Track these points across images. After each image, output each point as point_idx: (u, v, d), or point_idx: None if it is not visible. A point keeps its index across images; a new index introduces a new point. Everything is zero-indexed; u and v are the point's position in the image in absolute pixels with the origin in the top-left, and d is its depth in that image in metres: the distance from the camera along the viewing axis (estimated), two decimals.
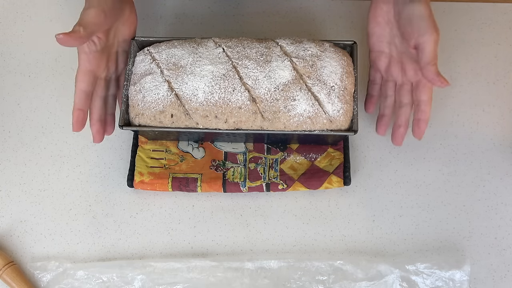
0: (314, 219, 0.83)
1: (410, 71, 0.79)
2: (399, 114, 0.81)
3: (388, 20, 0.78)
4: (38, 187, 0.86)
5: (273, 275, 0.78)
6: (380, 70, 0.82)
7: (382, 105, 0.83)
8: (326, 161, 0.84)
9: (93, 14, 0.73)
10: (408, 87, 0.80)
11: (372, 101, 0.84)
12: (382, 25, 0.79)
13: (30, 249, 0.82)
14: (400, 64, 0.80)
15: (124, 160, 0.86)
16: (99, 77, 0.79)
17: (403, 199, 0.83)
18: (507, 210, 0.82)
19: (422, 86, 0.78)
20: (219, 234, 0.82)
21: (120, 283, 0.78)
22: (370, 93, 0.84)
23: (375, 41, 0.81)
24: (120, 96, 0.83)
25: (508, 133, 0.86)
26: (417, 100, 0.79)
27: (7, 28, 0.96)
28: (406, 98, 0.80)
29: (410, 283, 0.77)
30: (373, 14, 0.79)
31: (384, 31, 0.79)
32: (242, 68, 0.79)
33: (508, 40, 0.92)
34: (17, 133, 0.89)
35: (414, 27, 0.73)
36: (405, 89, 0.80)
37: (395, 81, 0.81)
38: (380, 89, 0.83)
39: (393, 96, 0.82)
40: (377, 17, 0.79)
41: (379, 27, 0.79)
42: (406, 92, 0.80)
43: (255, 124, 0.78)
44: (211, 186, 0.83)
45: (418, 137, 0.80)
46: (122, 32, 0.81)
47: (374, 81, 0.83)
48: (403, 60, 0.79)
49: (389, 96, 0.82)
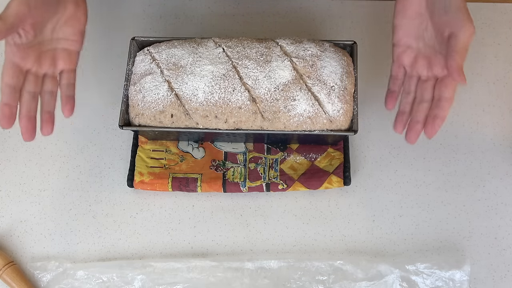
0: (314, 219, 0.83)
1: (437, 66, 0.74)
2: (418, 110, 0.75)
3: (418, 13, 0.75)
4: (38, 187, 0.86)
5: (273, 275, 0.78)
6: (405, 65, 0.78)
7: (404, 101, 0.77)
8: (326, 161, 0.84)
9: (14, 6, 0.70)
10: (432, 83, 0.75)
11: (394, 96, 0.78)
12: (411, 18, 0.75)
13: (30, 249, 0.82)
14: (427, 58, 0.76)
15: (124, 160, 0.86)
16: (28, 72, 0.75)
17: (403, 199, 0.83)
18: (507, 210, 0.82)
19: (448, 82, 0.73)
20: (219, 234, 0.82)
21: (120, 283, 0.78)
22: (392, 88, 0.79)
23: (402, 35, 0.76)
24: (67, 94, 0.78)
25: (508, 133, 0.86)
26: (438, 95, 0.74)
27: None
28: (428, 94, 0.75)
29: (410, 283, 0.77)
30: (401, 6, 0.75)
31: (413, 24, 0.76)
32: (242, 68, 0.79)
33: (508, 40, 0.92)
34: (17, 133, 0.89)
35: (450, 16, 0.70)
36: (429, 84, 0.75)
37: (419, 76, 0.77)
38: (402, 84, 0.79)
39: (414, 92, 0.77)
40: (406, 10, 0.75)
41: (408, 20, 0.76)
42: (430, 87, 0.75)
43: (255, 124, 0.78)
44: (211, 186, 0.83)
45: (430, 135, 0.74)
46: (63, 29, 0.76)
47: (397, 77, 0.78)
48: (431, 55, 0.75)
49: (412, 92, 0.77)
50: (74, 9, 0.77)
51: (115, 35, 0.94)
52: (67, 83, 0.78)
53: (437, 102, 0.74)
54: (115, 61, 0.91)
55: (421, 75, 0.76)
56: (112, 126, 0.88)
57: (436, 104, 0.74)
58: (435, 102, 0.74)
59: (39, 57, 0.75)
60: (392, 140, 0.86)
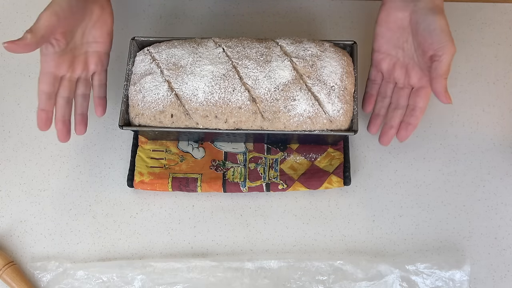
0: (314, 219, 0.83)
1: (415, 77, 0.79)
2: (393, 116, 0.81)
3: (401, 26, 0.78)
4: (38, 187, 0.86)
5: (273, 275, 0.78)
6: (382, 70, 0.82)
7: (379, 105, 0.83)
8: (326, 161, 0.84)
9: (44, 18, 0.73)
10: (408, 91, 0.81)
11: (371, 100, 0.84)
12: (393, 30, 0.79)
13: (30, 249, 0.82)
14: (405, 68, 0.80)
15: (124, 160, 0.86)
16: (63, 78, 0.78)
17: (403, 199, 0.83)
18: (507, 210, 0.82)
19: (423, 93, 0.79)
20: (219, 234, 0.82)
21: (120, 283, 0.78)
22: (369, 92, 0.84)
23: (383, 43, 0.80)
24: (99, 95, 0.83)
25: (508, 133, 0.86)
26: (413, 105, 0.79)
27: (7, 28, 0.97)
28: (404, 101, 0.81)
29: (410, 283, 0.77)
30: (385, 18, 0.79)
31: (394, 36, 0.79)
32: (242, 68, 0.79)
33: (508, 40, 0.92)
34: (17, 133, 0.89)
35: (435, 39, 0.73)
36: (404, 92, 0.81)
37: (395, 82, 0.82)
38: (379, 88, 0.83)
39: (390, 97, 0.82)
40: (389, 21, 0.79)
41: (389, 32, 0.79)
42: (405, 95, 0.81)
43: (255, 124, 0.78)
44: (211, 186, 0.83)
45: (401, 140, 0.81)
46: (92, 33, 0.79)
47: (375, 81, 0.83)
48: (408, 65, 0.80)
49: (387, 97, 0.82)
50: (100, 12, 0.80)
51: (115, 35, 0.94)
52: (98, 84, 0.83)
53: (411, 111, 0.80)
54: (115, 61, 0.91)
55: (398, 82, 0.81)
56: (112, 126, 0.88)
57: (411, 113, 0.80)
58: (409, 110, 0.80)
59: (73, 62, 0.79)
60: (392, 140, 0.86)
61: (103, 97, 0.83)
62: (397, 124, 0.81)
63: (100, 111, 0.83)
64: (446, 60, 0.73)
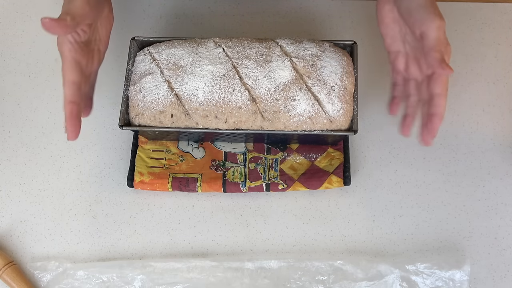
0: (314, 219, 0.83)
1: (424, 65, 0.75)
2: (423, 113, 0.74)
3: (394, 19, 0.77)
4: (38, 187, 0.86)
5: (273, 275, 0.78)
6: (400, 70, 0.79)
7: (406, 105, 0.78)
8: (326, 161, 0.84)
9: (79, 5, 0.71)
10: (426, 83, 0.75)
11: (395, 102, 0.79)
12: (390, 25, 0.77)
13: (30, 249, 0.82)
14: (416, 60, 0.76)
15: (124, 160, 0.86)
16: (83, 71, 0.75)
17: (403, 199, 0.83)
18: (507, 210, 0.82)
19: (435, 78, 0.73)
20: (219, 234, 0.82)
21: (120, 283, 0.78)
22: (393, 95, 0.79)
23: (390, 42, 0.78)
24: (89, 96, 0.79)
25: (508, 133, 0.86)
26: (430, 94, 0.73)
27: (7, 28, 0.96)
28: (425, 95, 0.75)
29: (410, 283, 0.77)
30: (380, 16, 0.78)
31: (394, 30, 0.77)
32: (242, 68, 0.79)
33: (508, 40, 0.92)
34: (17, 133, 0.89)
35: (415, 17, 0.72)
36: (424, 85, 0.76)
37: (416, 79, 0.77)
38: (403, 90, 0.79)
39: (416, 95, 0.77)
40: (383, 19, 0.77)
41: (388, 28, 0.77)
42: (425, 88, 0.75)
43: (255, 124, 0.78)
44: (211, 186, 0.83)
45: (432, 135, 0.72)
46: (99, 30, 0.79)
47: (396, 83, 0.79)
48: (417, 56, 0.76)
49: (412, 95, 0.77)
50: (108, 11, 0.79)
51: (115, 35, 0.94)
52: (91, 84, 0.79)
53: (430, 101, 0.73)
54: (115, 61, 0.91)
55: (417, 78, 0.77)
56: (112, 126, 0.88)
57: (430, 103, 0.73)
58: (428, 101, 0.73)
59: (88, 56, 0.76)
60: (392, 140, 0.86)
61: (92, 97, 0.79)
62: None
63: (88, 112, 0.79)
64: (432, 34, 0.70)
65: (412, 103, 0.77)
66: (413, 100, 0.77)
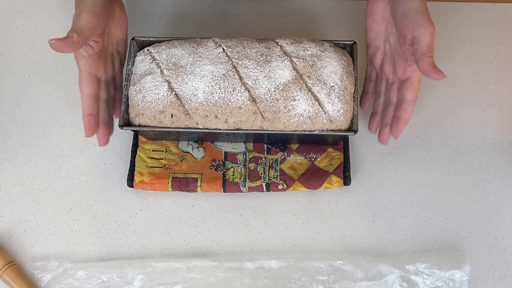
0: (314, 219, 0.83)
1: (400, 69, 0.78)
2: (387, 113, 0.80)
3: (384, 17, 0.78)
4: (38, 187, 0.86)
5: (273, 275, 0.78)
6: (375, 67, 0.82)
7: (375, 103, 0.83)
8: (326, 161, 0.84)
9: (86, 19, 0.72)
10: (397, 86, 0.80)
11: (367, 98, 0.84)
12: (378, 22, 0.79)
13: (30, 249, 0.82)
14: (392, 61, 0.79)
15: (124, 160, 0.86)
16: (100, 80, 0.78)
17: (403, 199, 0.83)
18: (507, 210, 0.82)
19: (408, 84, 0.77)
20: (219, 234, 0.82)
21: (120, 283, 0.78)
22: (366, 90, 0.84)
23: (373, 37, 0.80)
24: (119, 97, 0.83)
25: (508, 133, 0.86)
26: (401, 98, 0.78)
27: (7, 28, 0.96)
28: (394, 97, 0.80)
29: (410, 283, 0.77)
30: (370, 10, 0.79)
31: (380, 27, 0.79)
32: (242, 68, 0.79)
33: (508, 40, 0.92)
34: (17, 133, 0.89)
35: (410, 20, 0.72)
36: (394, 87, 0.80)
37: (387, 79, 0.81)
38: (375, 86, 0.83)
39: (385, 94, 0.82)
40: (373, 14, 0.79)
41: (376, 24, 0.79)
42: (395, 90, 0.80)
43: (255, 124, 0.78)
44: (211, 186, 0.83)
45: (394, 136, 0.79)
46: (114, 33, 0.80)
47: (370, 78, 0.83)
48: (394, 58, 0.79)
49: (382, 94, 0.82)
50: (119, 12, 0.80)
51: None
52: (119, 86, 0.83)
53: (400, 105, 0.78)
54: None
55: (388, 77, 0.81)
56: None
57: (399, 107, 0.78)
58: (398, 104, 0.79)
59: (105, 64, 0.79)
60: (392, 140, 0.86)
61: (121, 99, 0.82)
62: (390, 121, 0.80)
63: (118, 113, 0.82)
64: (424, 40, 0.71)
65: (381, 101, 0.82)
66: (383, 99, 0.82)
